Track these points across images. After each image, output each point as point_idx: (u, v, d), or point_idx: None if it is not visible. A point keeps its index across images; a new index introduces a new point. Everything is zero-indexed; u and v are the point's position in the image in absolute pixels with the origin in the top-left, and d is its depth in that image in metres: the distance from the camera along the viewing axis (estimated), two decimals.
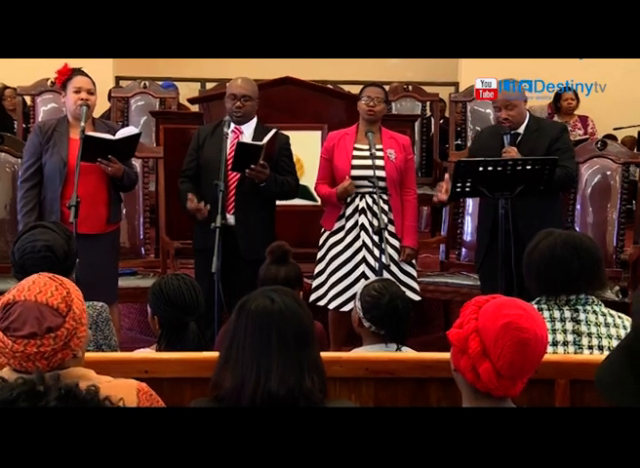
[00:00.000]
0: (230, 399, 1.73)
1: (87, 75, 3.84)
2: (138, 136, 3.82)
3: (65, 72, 3.85)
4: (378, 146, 3.98)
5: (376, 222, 3.84)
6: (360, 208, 3.96)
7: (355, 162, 3.97)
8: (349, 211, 3.97)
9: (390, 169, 3.96)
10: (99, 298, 3.42)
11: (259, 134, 3.90)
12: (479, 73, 4.21)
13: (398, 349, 2.72)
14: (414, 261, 4.10)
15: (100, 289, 3.68)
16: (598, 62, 4.75)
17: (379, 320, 2.72)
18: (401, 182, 4.01)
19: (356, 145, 4.01)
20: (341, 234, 3.99)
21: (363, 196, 3.96)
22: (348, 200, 3.98)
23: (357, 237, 3.96)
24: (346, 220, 3.98)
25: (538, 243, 2.53)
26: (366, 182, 3.93)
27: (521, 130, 3.93)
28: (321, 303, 4.00)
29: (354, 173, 3.95)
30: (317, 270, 4.05)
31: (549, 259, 2.46)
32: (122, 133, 3.75)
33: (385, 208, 3.95)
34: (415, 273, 4.08)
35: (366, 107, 3.96)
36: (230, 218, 3.87)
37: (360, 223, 3.95)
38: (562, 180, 3.81)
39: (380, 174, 3.93)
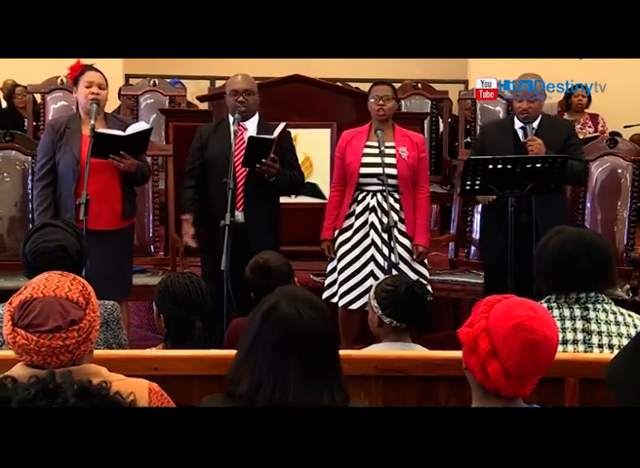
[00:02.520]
0: (244, 402, 1.72)
1: (98, 71, 3.85)
2: (148, 131, 3.82)
3: (77, 68, 3.88)
4: (390, 144, 3.98)
5: (385, 220, 3.84)
6: (370, 206, 3.95)
7: (365, 160, 3.97)
8: (359, 209, 3.97)
9: (402, 167, 3.95)
10: (114, 294, 3.46)
11: (262, 129, 3.90)
12: (488, 71, 4.23)
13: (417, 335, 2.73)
14: (425, 261, 4.09)
15: (116, 284, 3.73)
16: (598, 62, 4.76)
17: (400, 312, 2.71)
18: (413, 181, 4.00)
19: (367, 143, 4.00)
20: (350, 232, 3.99)
21: (374, 194, 3.95)
22: (359, 198, 3.98)
23: (366, 235, 3.96)
24: (356, 218, 3.98)
25: (548, 240, 2.52)
26: (376, 180, 3.92)
27: (535, 124, 3.98)
28: (334, 300, 4.01)
29: (363, 170, 3.95)
30: (330, 268, 4.05)
31: (559, 257, 2.46)
32: (132, 128, 3.75)
33: (396, 206, 3.95)
34: (426, 273, 4.06)
35: (375, 106, 3.96)
36: (239, 215, 3.87)
37: (370, 222, 3.95)
38: (582, 172, 4.03)
39: (392, 171, 3.93)
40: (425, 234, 4.03)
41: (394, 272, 3.75)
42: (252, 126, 3.95)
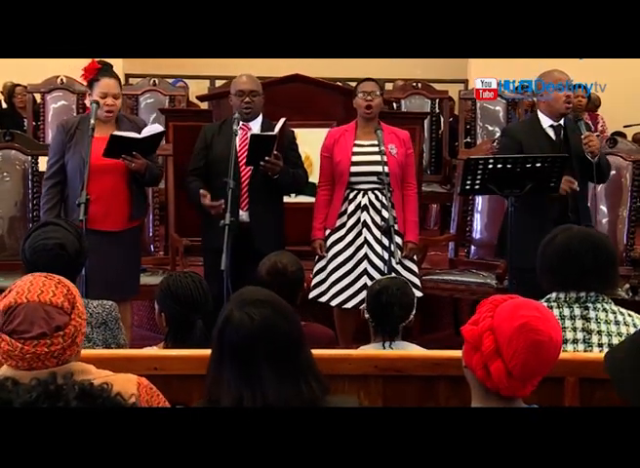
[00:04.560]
0: None
1: (113, 75, 3.82)
2: (162, 133, 3.84)
3: (92, 70, 3.81)
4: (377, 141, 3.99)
5: (379, 219, 3.87)
6: (362, 204, 3.97)
7: (355, 158, 3.98)
8: (351, 208, 3.98)
9: (393, 164, 3.96)
10: (120, 293, 3.47)
11: (266, 129, 3.90)
12: (488, 71, 4.22)
13: (385, 345, 2.76)
14: (415, 257, 4.11)
15: (122, 284, 3.76)
16: (598, 62, 4.76)
17: (371, 312, 2.85)
18: (402, 177, 4.01)
19: (356, 141, 4.02)
20: (343, 231, 4.00)
21: (365, 193, 3.97)
22: (350, 196, 3.98)
23: (359, 234, 3.97)
24: (348, 218, 3.99)
25: (554, 237, 2.52)
26: (367, 178, 3.94)
27: (562, 122, 3.94)
28: (322, 300, 4.02)
29: (354, 169, 3.96)
30: (318, 267, 4.05)
31: (565, 253, 2.45)
32: (147, 131, 3.75)
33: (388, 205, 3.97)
34: (416, 269, 4.10)
35: (364, 102, 3.97)
36: (244, 215, 3.89)
37: (362, 220, 3.97)
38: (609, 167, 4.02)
39: (383, 169, 3.94)
40: (415, 230, 4.06)
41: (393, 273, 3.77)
42: (256, 126, 3.96)
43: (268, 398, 1.67)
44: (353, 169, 3.96)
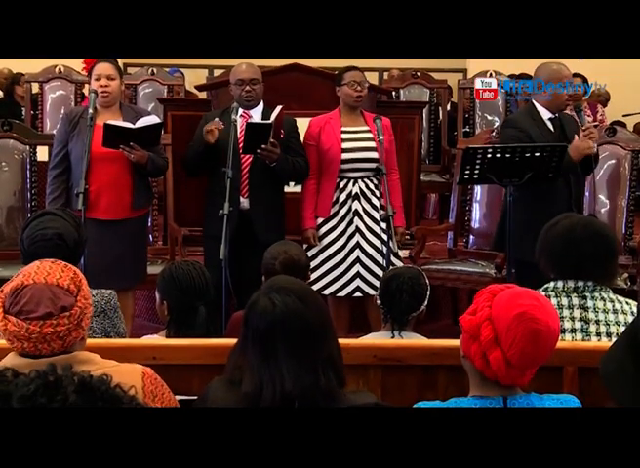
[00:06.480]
0: (251, 399, 1.74)
1: (110, 60, 3.86)
2: (159, 125, 3.84)
3: (91, 61, 3.89)
4: (364, 128, 4.01)
5: (369, 207, 3.92)
6: (353, 193, 3.97)
7: (345, 145, 3.98)
8: (343, 197, 3.99)
9: (381, 150, 3.97)
10: (122, 282, 3.47)
11: (267, 117, 3.90)
12: (486, 61, 4.21)
13: (394, 335, 2.75)
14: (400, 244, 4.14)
15: (125, 272, 3.77)
16: (598, 62, 4.76)
17: (382, 299, 2.86)
18: (387, 164, 4.02)
19: (343, 128, 4.02)
20: (335, 221, 4.01)
21: (356, 181, 3.98)
22: (341, 185, 3.99)
23: (351, 223, 3.99)
24: (340, 207, 4.00)
25: (556, 222, 2.54)
26: (358, 165, 3.95)
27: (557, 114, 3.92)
28: (314, 288, 4.02)
29: (345, 156, 3.97)
30: (309, 256, 4.05)
31: (567, 238, 2.46)
32: (142, 122, 3.76)
33: (377, 192, 3.97)
34: (401, 253, 4.12)
35: (354, 92, 3.98)
36: (244, 202, 3.90)
37: (354, 209, 3.98)
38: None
39: (374, 155, 3.95)
40: (402, 215, 4.09)
41: (379, 258, 3.82)
42: (257, 114, 3.96)
43: (285, 385, 1.70)
44: (344, 156, 3.96)
